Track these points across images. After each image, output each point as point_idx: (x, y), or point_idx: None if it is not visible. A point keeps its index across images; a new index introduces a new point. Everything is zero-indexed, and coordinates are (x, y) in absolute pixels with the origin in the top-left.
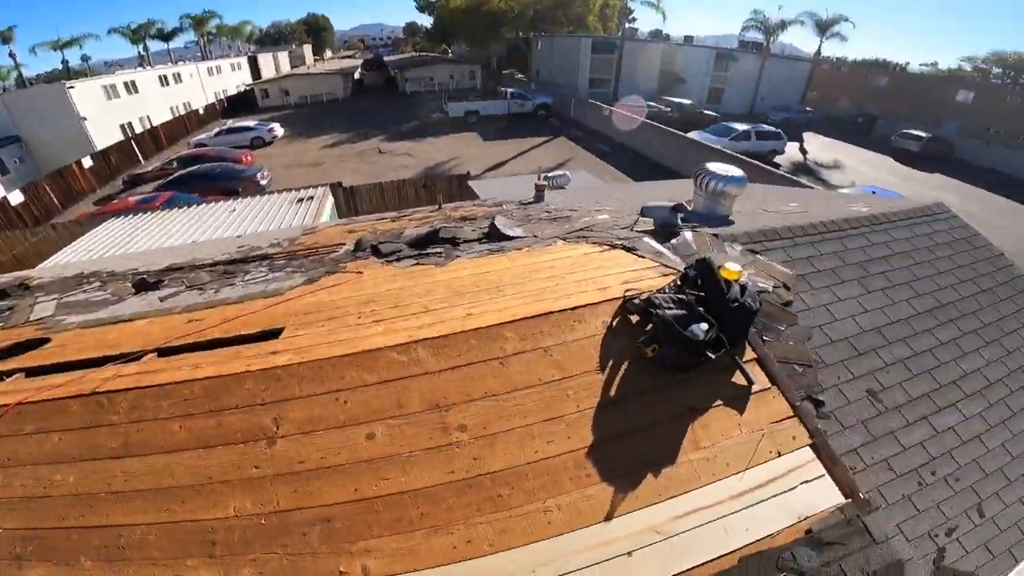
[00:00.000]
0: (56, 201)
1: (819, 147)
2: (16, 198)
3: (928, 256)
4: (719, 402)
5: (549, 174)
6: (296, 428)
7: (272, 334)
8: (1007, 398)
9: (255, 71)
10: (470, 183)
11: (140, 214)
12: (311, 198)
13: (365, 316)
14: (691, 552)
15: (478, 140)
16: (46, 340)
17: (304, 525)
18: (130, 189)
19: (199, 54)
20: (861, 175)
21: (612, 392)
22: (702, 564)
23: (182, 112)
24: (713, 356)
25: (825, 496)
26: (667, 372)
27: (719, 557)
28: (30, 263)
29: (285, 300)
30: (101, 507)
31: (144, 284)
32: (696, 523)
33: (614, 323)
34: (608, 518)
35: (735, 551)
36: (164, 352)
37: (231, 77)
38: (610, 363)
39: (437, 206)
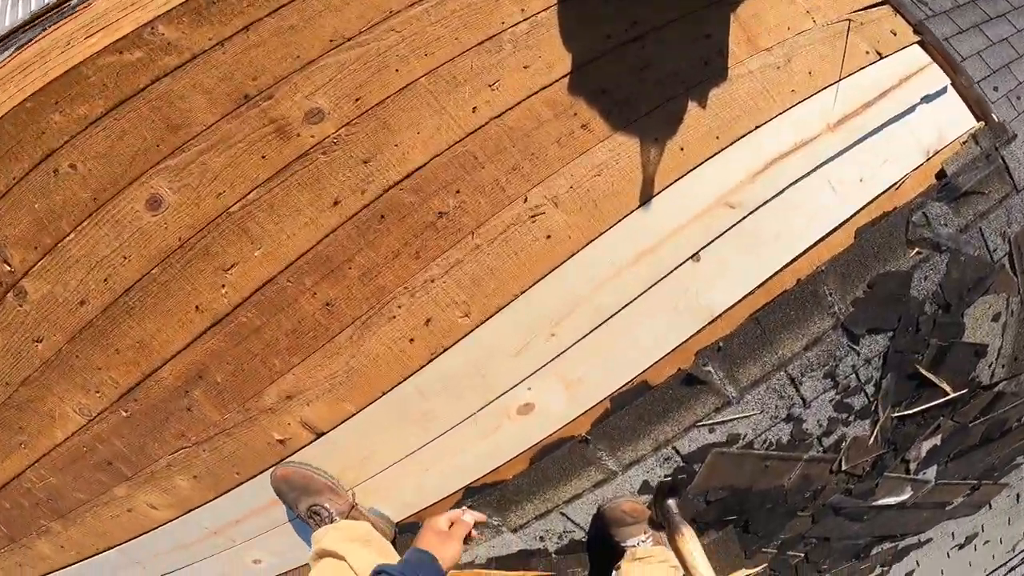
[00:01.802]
0: None
1: None
2: None
3: None
4: None
5: None
6: None
7: None
8: None
9: None
10: None
11: None
12: None
13: None
14: (789, 232)
15: None
16: None
17: None
18: None
19: None
20: None
21: None
22: (808, 249)
23: None
24: None
25: (954, 119)
26: None
27: (828, 234)
28: None
29: None
30: None
31: None
32: (788, 179)
33: None
34: (645, 201)
35: (848, 220)
36: None
37: None
38: None
39: None
